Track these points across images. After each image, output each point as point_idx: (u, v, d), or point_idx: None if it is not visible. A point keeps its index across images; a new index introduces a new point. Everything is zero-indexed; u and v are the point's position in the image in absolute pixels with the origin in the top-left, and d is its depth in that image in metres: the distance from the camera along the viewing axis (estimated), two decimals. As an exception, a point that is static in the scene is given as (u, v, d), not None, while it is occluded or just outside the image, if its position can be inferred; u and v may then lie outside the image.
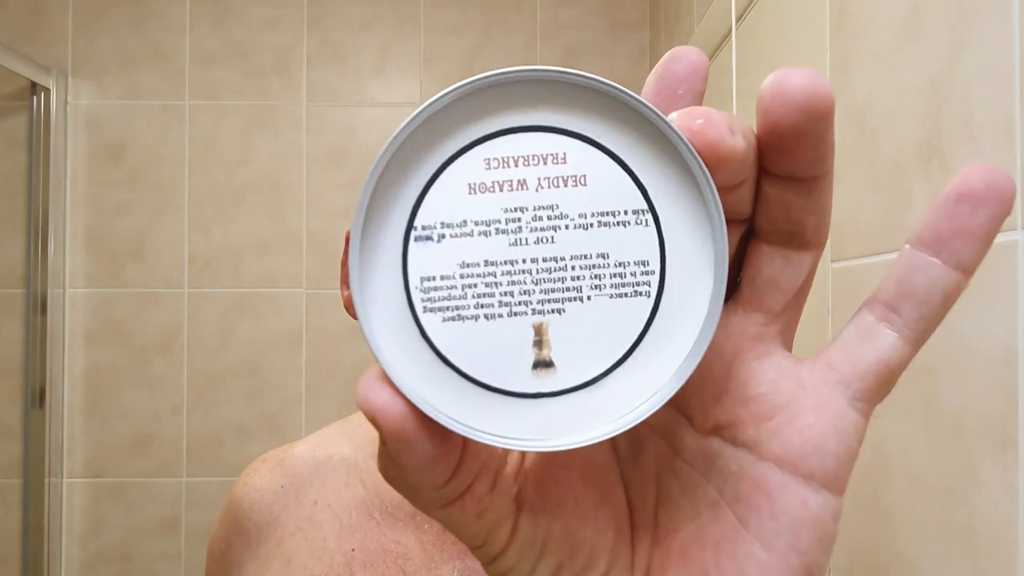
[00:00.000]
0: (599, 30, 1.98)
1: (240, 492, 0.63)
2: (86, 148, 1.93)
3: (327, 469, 0.61)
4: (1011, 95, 0.53)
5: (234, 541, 0.62)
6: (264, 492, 0.61)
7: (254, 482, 0.63)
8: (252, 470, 0.65)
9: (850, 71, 0.79)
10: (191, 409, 1.92)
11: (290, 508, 0.59)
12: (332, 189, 1.94)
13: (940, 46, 0.62)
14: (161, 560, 1.90)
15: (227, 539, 0.63)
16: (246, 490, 0.63)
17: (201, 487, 1.91)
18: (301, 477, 0.61)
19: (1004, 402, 0.53)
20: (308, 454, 0.63)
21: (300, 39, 1.95)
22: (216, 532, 0.65)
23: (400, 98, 1.96)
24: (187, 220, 1.93)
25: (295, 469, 0.62)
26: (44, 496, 1.83)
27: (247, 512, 0.61)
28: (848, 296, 0.78)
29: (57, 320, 1.88)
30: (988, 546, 0.55)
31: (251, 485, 0.63)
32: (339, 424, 0.67)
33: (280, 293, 1.93)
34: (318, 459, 0.62)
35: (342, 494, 0.59)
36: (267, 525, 0.60)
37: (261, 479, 0.63)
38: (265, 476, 0.63)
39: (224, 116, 1.94)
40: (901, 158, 0.68)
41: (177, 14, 1.94)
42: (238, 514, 0.62)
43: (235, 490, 0.64)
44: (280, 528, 0.59)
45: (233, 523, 0.62)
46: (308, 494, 0.60)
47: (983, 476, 0.56)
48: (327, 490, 0.60)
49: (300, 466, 0.62)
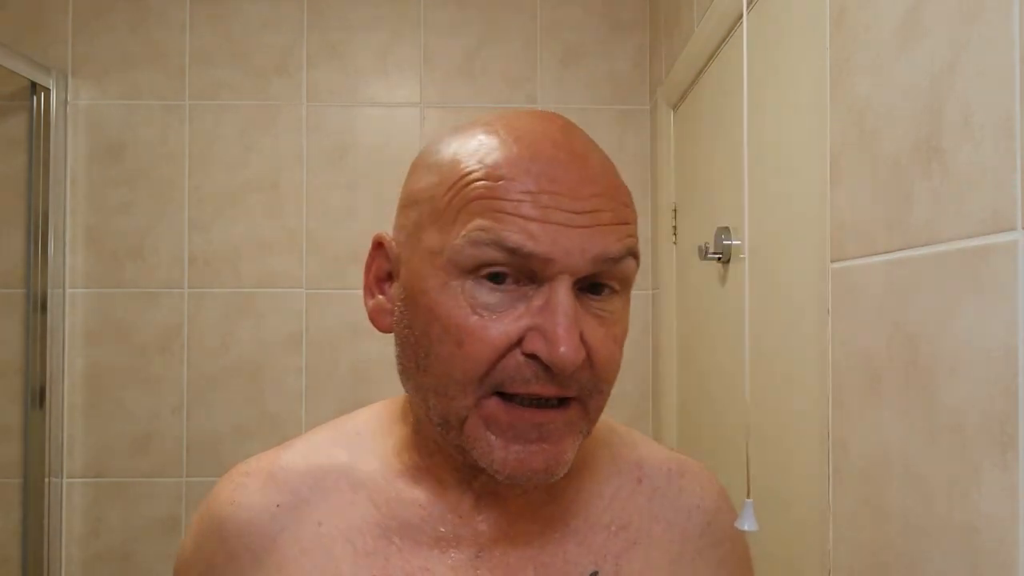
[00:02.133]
0: (599, 30, 1.98)
1: (226, 511, 0.55)
2: (86, 148, 1.93)
3: (327, 484, 0.55)
4: (1011, 95, 0.53)
5: (219, 565, 0.55)
6: (258, 511, 0.55)
7: (244, 500, 0.55)
8: (238, 485, 0.57)
9: (850, 71, 0.79)
10: (191, 409, 1.92)
11: (290, 529, 0.54)
12: (332, 189, 1.94)
13: (940, 46, 0.62)
14: (161, 560, 1.90)
15: (209, 562, 0.56)
16: (233, 509, 0.55)
17: (201, 487, 1.91)
18: (298, 494, 0.55)
19: (1004, 402, 0.53)
20: (300, 464, 0.57)
21: (300, 39, 1.95)
22: (191, 554, 0.57)
23: (400, 98, 1.96)
24: (187, 220, 1.93)
25: (290, 485, 0.55)
26: (44, 496, 1.83)
27: (236, 534, 0.55)
28: (848, 296, 0.78)
29: (57, 320, 1.88)
30: (988, 546, 0.55)
31: (240, 503, 0.55)
32: (330, 428, 0.60)
33: (280, 293, 1.93)
34: (313, 472, 0.56)
35: (349, 514, 0.54)
36: (263, 549, 0.54)
37: (251, 496, 0.55)
38: (256, 493, 0.56)
39: (224, 116, 1.94)
40: (901, 158, 0.68)
41: (177, 14, 1.94)
42: (224, 535, 0.55)
43: (218, 508, 0.56)
44: (279, 552, 0.53)
45: (218, 544, 0.55)
46: (310, 513, 0.54)
47: (983, 476, 0.56)
48: (331, 509, 0.54)
49: (296, 481, 0.56)
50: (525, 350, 0.47)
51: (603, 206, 0.47)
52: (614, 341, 0.50)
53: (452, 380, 0.48)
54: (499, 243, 0.46)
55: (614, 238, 0.48)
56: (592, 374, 0.48)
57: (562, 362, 0.45)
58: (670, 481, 0.60)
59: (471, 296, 0.47)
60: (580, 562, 0.54)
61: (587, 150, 0.50)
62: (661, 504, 0.59)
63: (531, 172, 0.47)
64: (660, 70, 1.84)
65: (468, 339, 0.47)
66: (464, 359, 0.47)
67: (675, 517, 0.59)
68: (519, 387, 0.47)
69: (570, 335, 0.45)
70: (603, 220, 0.47)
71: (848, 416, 0.79)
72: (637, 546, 0.56)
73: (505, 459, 0.48)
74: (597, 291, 0.49)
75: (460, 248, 0.47)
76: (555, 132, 0.50)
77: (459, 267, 0.47)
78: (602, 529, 0.56)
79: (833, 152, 0.82)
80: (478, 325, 0.47)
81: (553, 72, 1.97)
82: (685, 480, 0.61)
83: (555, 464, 0.48)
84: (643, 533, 0.57)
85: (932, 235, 0.63)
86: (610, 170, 0.51)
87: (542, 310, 0.46)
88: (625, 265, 0.49)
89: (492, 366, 0.47)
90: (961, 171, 0.58)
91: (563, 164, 0.47)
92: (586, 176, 0.48)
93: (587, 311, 0.48)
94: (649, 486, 0.59)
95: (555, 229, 0.46)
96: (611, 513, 0.57)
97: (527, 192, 0.46)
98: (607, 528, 0.56)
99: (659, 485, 0.60)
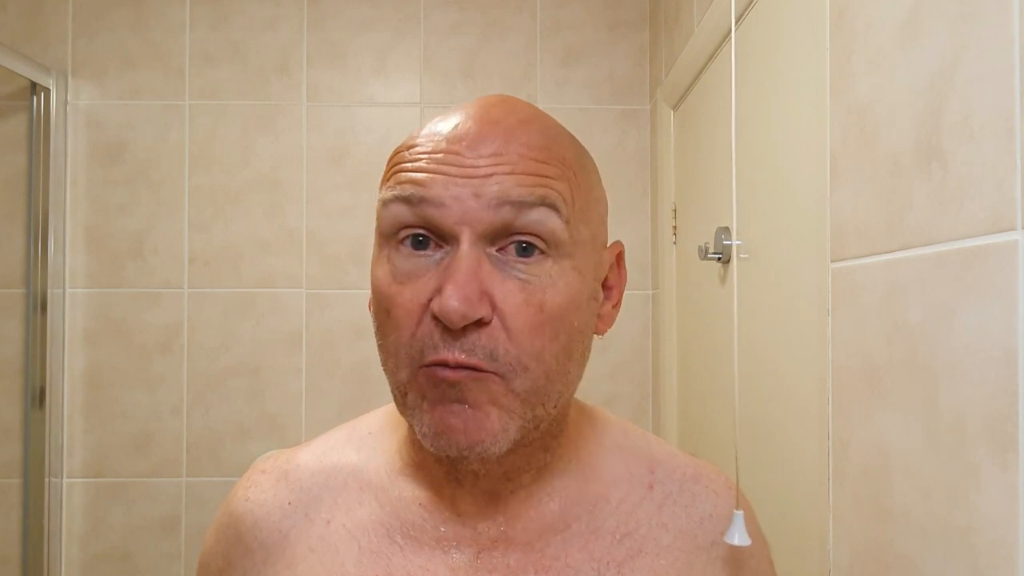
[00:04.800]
0: (599, 30, 1.98)
1: (242, 507, 0.58)
2: (86, 148, 1.93)
3: (337, 483, 0.57)
4: (1011, 95, 0.53)
5: (236, 559, 0.57)
6: (270, 508, 0.57)
7: (257, 496, 0.58)
8: (253, 483, 0.59)
9: (850, 71, 0.79)
10: (191, 409, 1.92)
11: (300, 526, 0.55)
12: (332, 189, 1.94)
13: (940, 46, 0.62)
14: (161, 560, 1.90)
15: (227, 556, 0.58)
16: (248, 505, 0.58)
17: (201, 487, 1.91)
18: (309, 492, 0.57)
19: (1004, 402, 0.53)
20: (314, 464, 0.58)
21: (300, 39, 1.95)
22: (212, 547, 0.60)
23: (400, 98, 1.96)
24: (187, 220, 1.93)
25: (302, 483, 0.57)
26: (44, 496, 1.83)
27: (251, 529, 0.57)
28: (848, 296, 0.78)
29: (57, 320, 1.88)
30: (988, 546, 0.55)
31: (254, 500, 0.58)
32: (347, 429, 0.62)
33: (280, 293, 1.93)
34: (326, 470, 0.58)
35: (356, 512, 0.55)
36: (275, 545, 0.55)
37: (264, 493, 0.58)
38: (269, 490, 0.58)
39: (224, 116, 1.94)
40: (901, 158, 0.68)
41: (177, 14, 1.94)
42: (240, 530, 0.57)
43: (234, 504, 0.59)
44: (290, 549, 0.55)
45: (235, 540, 0.57)
46: (319, 512, 0.56)
47: (983, 476, 0.56)
48: (339, 508, 0.55)
49: (307, 479, 0.57)
50: (432, 310, 0.46)
51: (504, 163, 0.46)
52: (540, 311, 0.46)
53: (390, 353, 0.48)
54: (398, 197, 0.47)
55: (515, 184, 0.46)
56: (509, 344, 0.46)
57: (447, 312, 0.44)
58: (683, 487, 0.58)
59: (392, 263, 0.48)
60: (581, 568, 0.52)
61: (505, 116, 0.49)
62: (672, 512, 0.56)
63: (436, 137, 0.48)
64: (660, 70, 1.84)
65: (392, 307, 0.47)
66: (393, 328, 0.47)
67: (686, 526, 0.56)
68: (430, 354, 0.46)
69: (461, 286, 0.44)
70: (502, 171, 0.46)
71: (848, 416, 0.79)
72: (643, 555, 0.54)
73: (431, 423, 0.47)
74: (525, 253, 0.47)
75: (378, 213, 0.49)
76: (475, 106, 0.50)
77: (383, 234, 0.49)
78: (606, 535, 0.54)
79: (833, 152, 0.82)
80: (397, 292, 0.47)
81: (553, 72, 1.97)
82: (699, 486, 0.58)
83: (476, 428, 0.46)
84: (650, 541, 0.55)
85: (932, 235, 0.62)
86: (532, 132, 0.48)
87: (447, 268, 0.46)
88: (540, 216, 0.46)
89: (412, 334, 0.47)
90: (961, 171, 0.58)
91: (467, 128, 0.48)
92: (488, 136, 0.47)
93: (505, 274, 0.46)
94: (661, 492, 0.57)
95: (446, 179, 0.46)
96: (617, 518, 0.55)
97: (426, 152, 0.47)
98: (612, 534, 0.54)
99: (671, 491, 0.57)
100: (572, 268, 0.48)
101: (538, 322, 0.46)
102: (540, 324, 0.46)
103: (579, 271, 0.49)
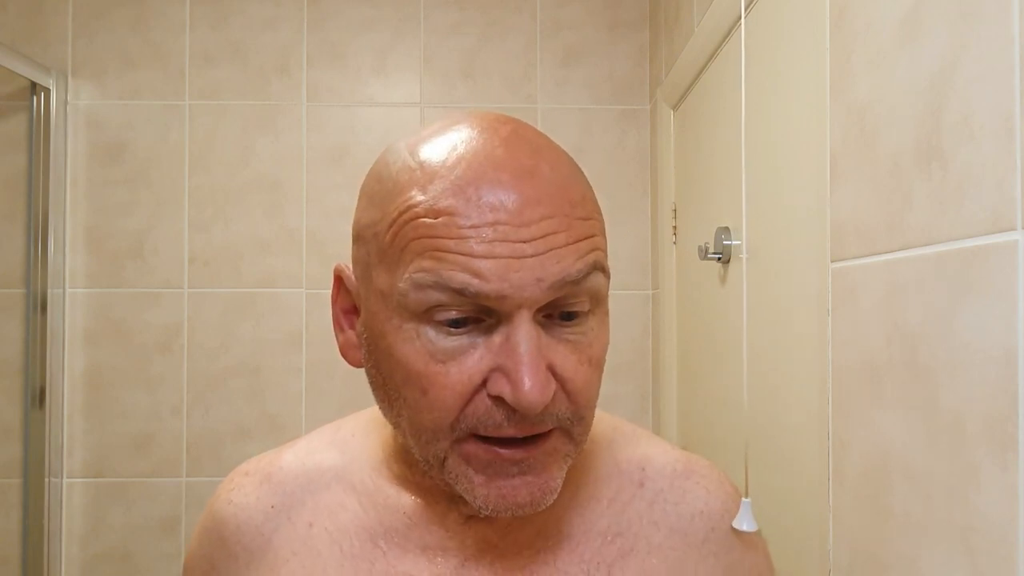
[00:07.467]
0: (599, 30, 1.98)
1: (225, 511, 0.57)
2: (86, 148, 1.93)
3: (319, 485, 0.56)
4: (1011, 95, 0.53)
5: (220, 563, 0.57)
6: (252, 512, 0.56)
7: (240, 500, 0.57)
8: (236, 485, 0.58)
9: (850, 71, 0.79)
10: (191, 409, 1.92)
11: (283, 530, 0.55)
12: (332, 189, 1.94)
13: (940, 46, 0.62)
14: (161, 560, 1.90)
15: (211, 559, 0.58)
16: (232, 509, 0.57)
17: (201, 487, 1.91)
18: (292, 496, 0.56)
19: (1004, 402, 0.53)
20: (297, 466, 0.58)
21: (300, 39, 1.95)
22: (196, 550, 0.59)
23: (400, 98, 1.96)
24: (187, 220, 1.93)
25: (285, 486, 0.57)
26: (44, 496, 1.83)
27: (234, 533, 0.56)
28: (848, 296, 0.78)
29: (57, 320, 1.88)
30: (988, 546, 0.55)
31: (237, 503, 0.57)
32: (330, 430, 0.61)
33: (280, 293, 1.93)
34: (308, 473, 0.57)
35: (339, 516, 0.54)
36: (258, 549, 0.55)
37: (247, 497, 0.57)
38: (252, 493, 0.57)
39: (224, 116, 1.94)
40: (901, 158, 0.68)
41: (177, 14, 1.94)
42: (223, 534, 0.57)
43: (217, 507, 0.58)
44: (273, 552, 0.54)
45: (218, 543, 0.57)
46: (301, 515, 0.55)
47: (983, 476, 0.56)
48: (321, 511, 0.55)
49: (290, 482, 0.57)
50: (491, 392, 0.44)
51: (556, 227, 0.43)
52: (590, 364, 0.46)
53: (423, 427, 0.46)
54: (443, 285, 0.42)
55: (573, 258, 0.43)
56: (570, 404, 0.46)
57: (528, 404, 0.42)
58: (674, 483, 0.57)
59: (428, 342, 0.44)
60: (569, 571, 0.52)
61: (535, 161, 0.45)
62: (663, 509, 0.56)
63: (471, 201, 0.42)
64: (660, 70, 1.84)
65: (431, 387, 0.44)
66: (430, 407, 0.45)
67: (677, 523, 0.55)
68: (492, 431, 0.44)
69: (534, 374, 0.42)
70: (558, 242, 0.43)
71: (848, 416, 0.79)
72: (633, 554, 0.53)
73: (488, 495, 0.46)
74: (569, 317, 0.45)
75: (406, 292, 0.44)
76: (497, 148, 0.45)
77: (410, 311, 0.44)
78: (597, 536, 0.53)
79: (833, 152, 0.82)
80: (439, 372, 0.44)
81: (553, 72, 1.97)
82: (690, 482, 0.57)
83: (541, 495, 0.46)
84: (641, 540, 0.54)
85: (932, 235, 0.62)
86: (564, 179, 0.45)
87: (503, 348, 0.43)
88: (592, 282, 0.45)
89: (460, 412, 0.44)
90: (961, 171, 0.58)
91: (506, 186, 0.43)
92: (533, 196, 0.43)
93: (556, 339, 0.45)
94: (651, 489, 0.56)
95: (503, 263, 0.42)
96: (608, 518, 0.54)
97: (469, 227, 0.42)
98: (602, 535, 0.54)
99: (662, 488, 0.56)
100: (605, 312, 0.49)
101: (590, 375, 0.47)
102: (591, 376, 0.47)
103: (607, 310, 0.49)
